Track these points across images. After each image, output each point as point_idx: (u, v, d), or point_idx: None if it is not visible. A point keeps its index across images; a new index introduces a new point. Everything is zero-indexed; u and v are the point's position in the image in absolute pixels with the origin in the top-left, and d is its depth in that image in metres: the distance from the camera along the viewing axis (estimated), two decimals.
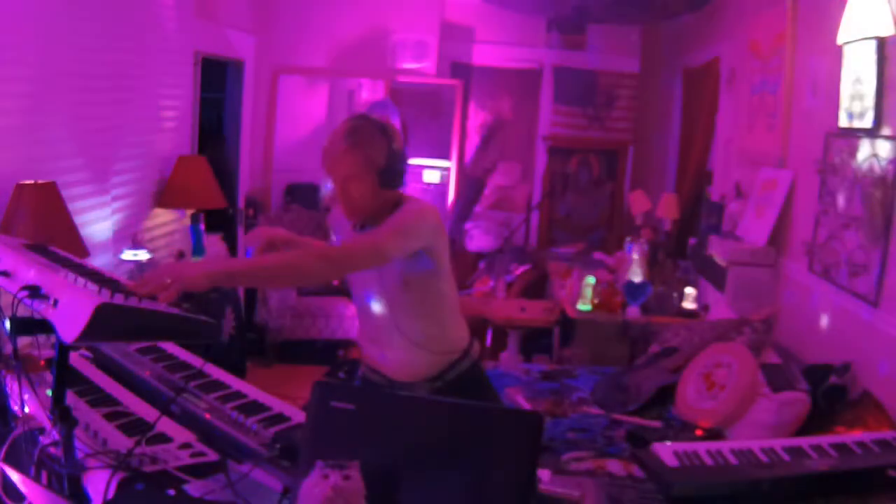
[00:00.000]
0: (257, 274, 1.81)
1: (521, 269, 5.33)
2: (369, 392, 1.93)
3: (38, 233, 2.36)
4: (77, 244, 2.63)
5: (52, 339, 1.35)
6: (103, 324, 1.21)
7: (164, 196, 3.91)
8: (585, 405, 3.14)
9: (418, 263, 2.01)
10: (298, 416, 1.57)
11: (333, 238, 2.30)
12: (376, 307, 2.12)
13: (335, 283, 4.66)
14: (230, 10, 4.85)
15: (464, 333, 2.24)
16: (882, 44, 2.68)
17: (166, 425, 1.55)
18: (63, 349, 1.37)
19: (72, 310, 1.23)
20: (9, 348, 1.44)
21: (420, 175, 5.99)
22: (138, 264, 3.41)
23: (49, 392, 1.42)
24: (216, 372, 1.82)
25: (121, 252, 3.40)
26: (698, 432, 2.71)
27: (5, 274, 1.49)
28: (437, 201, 5.97)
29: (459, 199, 5.88)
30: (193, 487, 1.38)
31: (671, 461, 1.98)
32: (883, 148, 2.66)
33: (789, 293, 3.45)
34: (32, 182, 2.54)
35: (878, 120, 2.70)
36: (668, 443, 2.14)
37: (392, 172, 1.98)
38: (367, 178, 1.95)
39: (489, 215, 6.14)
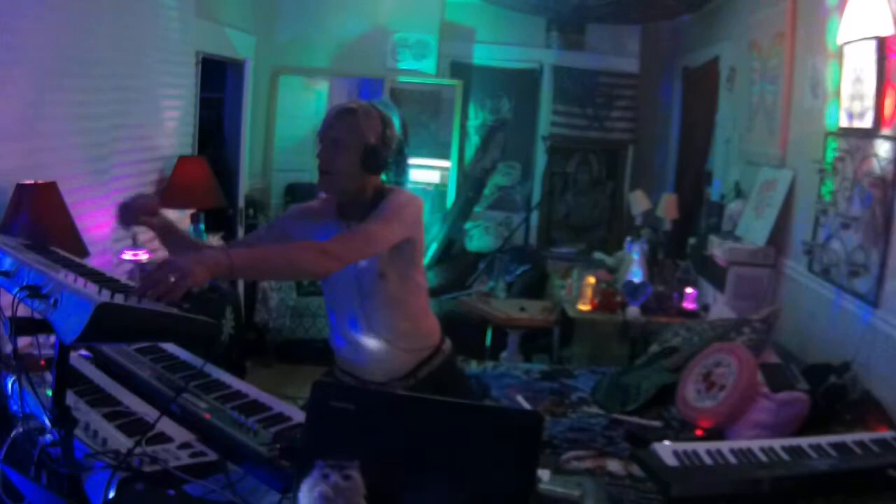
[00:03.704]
0: (256, 266, 1.82)
1: (521, 269, 5.33)
2: (369, 392, 1.92)
3: (38, 233, 2.35)
4: (77, 244, 2.62)
5: (52, 339, 1.35)
6: (103, 324, 1.21)
7: (164, 196, 3.90)
8: (585, 405, 3.14)
9: (396, 254, 2.02)
10: (298, 416, 1.57)
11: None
12: (348, 300, 2.11)
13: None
14: (230, 10, 4.85)
15: (435, 331, 2.24)
16: (882, 44, 2.68)
17: (166, 425, 1.55)
18: (63, 349, 1.37)
19: (72, 310, 1.23)
20: (9, 348, 1.43)
21: (420, 175, 5.98)
22: (138, 264, 3.40)
23: (49, 392, 1.42)
24: (216, 372, 1.82)
25: (121, 252, 3.40)
26: (698, 432, 2.71)
27: (5, 274, 1.49)
28: (437, 201, 5.97)
29: (459, 199, 5.88)
30: (193, 487, 1.38)
31: (671, 461, 1.98)
32: (883, 148, 2.66)
33: (789, 293, 3.45)
34: (32, 182, 2.54)
35: (878, 120, 2.70)
36: (668, 443, 2.14)
37: (378, 156, 2.00)
38: (354, 149, 1.97)
39: (489, 215, 6.13)
